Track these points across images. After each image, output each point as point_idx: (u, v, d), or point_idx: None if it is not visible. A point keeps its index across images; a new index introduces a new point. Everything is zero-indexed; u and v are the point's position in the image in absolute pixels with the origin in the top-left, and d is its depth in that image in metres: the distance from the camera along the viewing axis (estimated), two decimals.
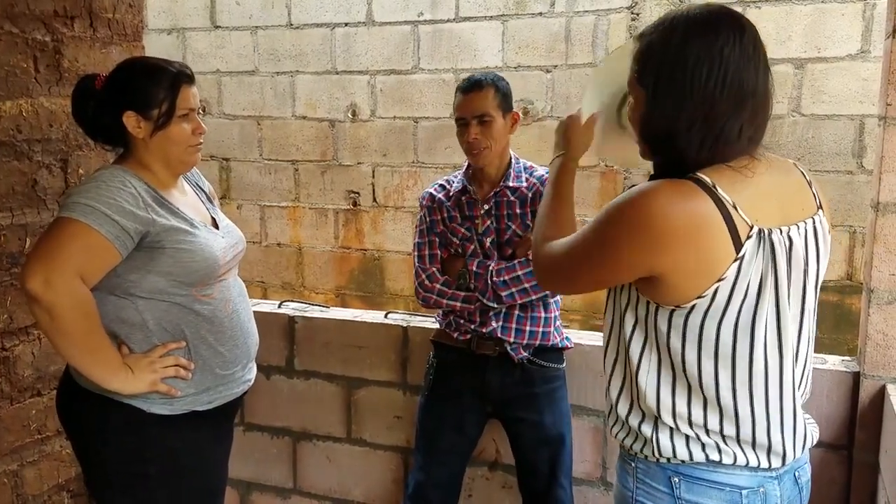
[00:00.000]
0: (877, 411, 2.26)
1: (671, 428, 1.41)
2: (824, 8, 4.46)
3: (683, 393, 1.39)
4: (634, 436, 1.46)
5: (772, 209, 1.36)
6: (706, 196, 1.30)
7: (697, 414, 1.39)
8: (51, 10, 2.58)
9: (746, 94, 1.32)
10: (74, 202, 1.76)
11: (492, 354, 2.41)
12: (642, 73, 1.38)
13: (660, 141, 1.38)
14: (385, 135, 5.53)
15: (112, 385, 1.82)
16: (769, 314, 1.36)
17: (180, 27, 5.89)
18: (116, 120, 1.87)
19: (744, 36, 1.32)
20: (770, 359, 1.37)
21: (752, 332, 1.35)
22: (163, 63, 1.91)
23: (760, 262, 1.33)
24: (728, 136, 1.32)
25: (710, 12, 1.34)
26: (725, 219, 1.29)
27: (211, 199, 2.16)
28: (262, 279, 6.01)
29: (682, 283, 1.32)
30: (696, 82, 1.30)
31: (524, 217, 2.40)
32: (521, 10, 5.08)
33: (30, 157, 2.57)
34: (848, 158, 4.54)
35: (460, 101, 2.39)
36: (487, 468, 2.82)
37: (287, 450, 3.10)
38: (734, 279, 1.31)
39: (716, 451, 1.39)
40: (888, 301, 2.22)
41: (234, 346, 2.00)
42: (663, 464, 1.43)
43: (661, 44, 1.35)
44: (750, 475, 1.41)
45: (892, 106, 2.16)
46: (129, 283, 1.83)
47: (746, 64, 1.31)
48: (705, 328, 1.35)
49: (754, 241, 1.31)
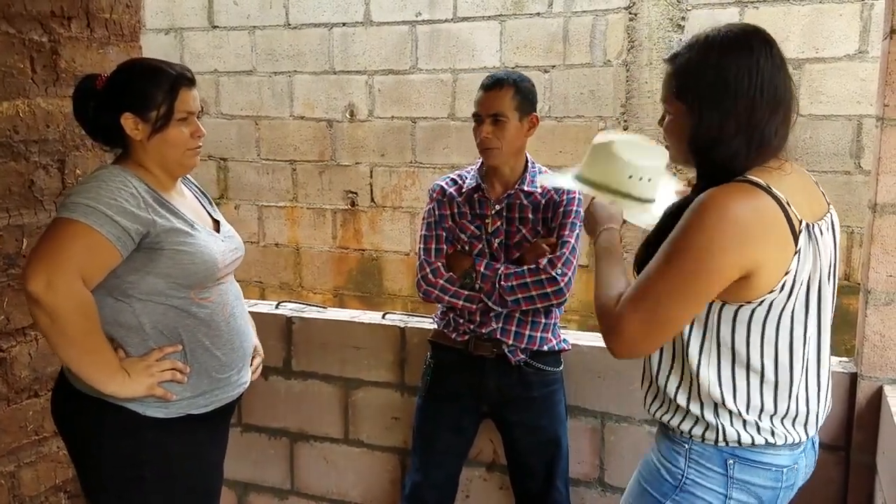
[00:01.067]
0: (874, 412, 2.26)
1: (731, 413, 1.52)
2: (822, 8, 4.46)
3: (743, 379, 1.51)
4: (694, 420, 1.55)
5: (804, 205, 1.48)
6: (766, 195, 1.42)
7: (755, 398, 1.52)
8: (48, 11, 2.58)
9: (780, 100, 1.46)
10: (74, 202, 1.75)
11: (489, 356, 2.40)
12: (682, 89, 1.50)
13: (707, 149, 1.49)
14: (383, 135, 5.53)
15: (108, 388, 1.82)
16: (812, 303, 1.51)
17: (178, 27, 5.88)
18: (115, 121, 1.86)
19: (773, 49, 1.47)
20: (820, 338, 1.56)
21: (805, 319, 1.51)
22: (163, 65, 1.90)
23: (810, 254, 1.46)
24: (768, 139, 1.46)
25: (741, 29, 1.49)
26: (785, 215, 1.42)
27: (212, 203, 2.15)
28: (259, 279, 6.01)
29: (765, 278, 1.42)
30: (739, 91, 1.44)
31: (536, 223, 2.38)
32: (519, 10, 5.08)
33: (27, 158, 2.56)
34: (846, 159, 4.54)
35: (479, 97, 2.37)
36: (485, 469, 2.82)
37: (284, 451, 3.09)
38: (795, 272, 1.44)
39: (770, 434, 1.53)
40: (885, 302, 2.22)
41: (231, 350, 1.99)
42: (722, 447, 1.55)
43: (700, 60, 1.48)
44: (789, 453, 1.56)
45: (890, 107, 2.16)
46: (128, 284, 1.83)
47: (777, 73, 1.46)
48: (769, 320, 1.48)
49: (805, 234, 1.45)
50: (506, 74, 2.39)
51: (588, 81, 4.97)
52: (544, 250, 2.34)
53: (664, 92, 1.56)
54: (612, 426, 2.65)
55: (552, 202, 2.37)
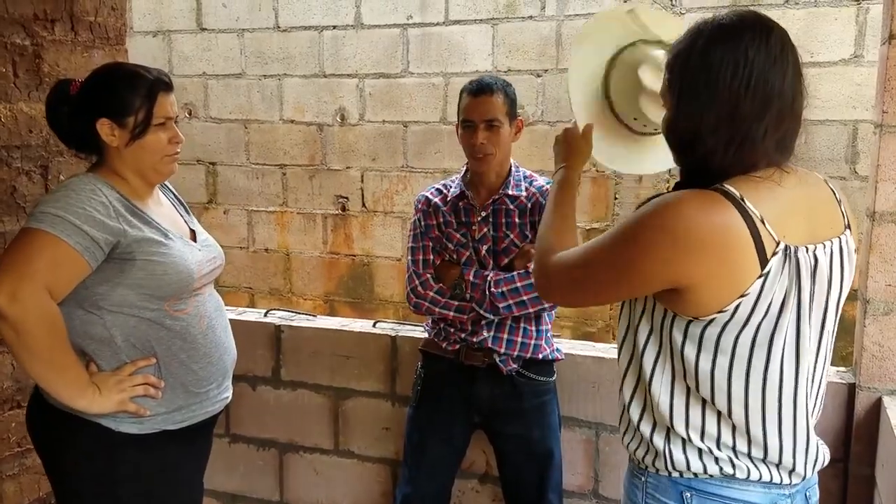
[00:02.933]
0: (872, 424, 2.23)
1: (683, 439, 1.38)
2: (817, 12, 4.44)
3: (697, 404, 1.37)
4: (646, 447, 1.43)
5: (799, 225, 1.33)
6: (733, 209, 1.27)
7: (711, 426, 1.37)
8: (30, 14, 2.53)
9: (772, 96, 1.30)
10: (42, 212, 1.70)
11: (480, 365, 2.37)
12: (671, 80, 1.38)
13: (685, 144, 1.37)
14: (374, 139, 5.48)
15: (78, 404, 1.76)
16: (788, 333, 1.33)
17: (166, 29, 5.82)
18: (90, 127, 1.81)
19: (770, 37, 1.32)
20: (785, 377, 1.35)
21: (769, 348, 1.33)
22: (140, 70, 1.85)
23: (785, 280, 1.30)
24: (753, 139, 1.30)
25: (737, 16, 1.35)
26: (752, 233, 1.27)
27: (188, 212, 2.09)
28: (249, 285, 5.95)
29: (705, 296, 1.30)
30: (721, 83, 1.29)
31: (523, 227, 2.35)
32: (512, 13, 5.04)
33: (9, 164, 2.51)
34: (841, 164, 4.52)
35: (469, 102, 2.33)
36: (477, 480, 2.78)
37: (273, 462, 3.05)
38: (757, 296, 1.29)
39: (729, 465, 1.37)
40: (884, 312, 2.19)
41: (209, 364, 1.93)
42: (675, 478, 1.41)
43: (687, 49, 1.35)
44: (763, 491, 1.38)
45: (889, 113, 2.13)
46: (98, 295, 1.77)
47: (772, 65, 1.30)
48: (722, 341, 1.33)
49: (780, 257, 1.29)
50: (492, 79, 2.36)
51: None
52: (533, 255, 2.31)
53: (661, 85, 1.45)
54: (606, 437, 2.61)
55: (538, 205, 2.35)
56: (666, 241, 1.28)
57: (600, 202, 4.92)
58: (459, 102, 2.37)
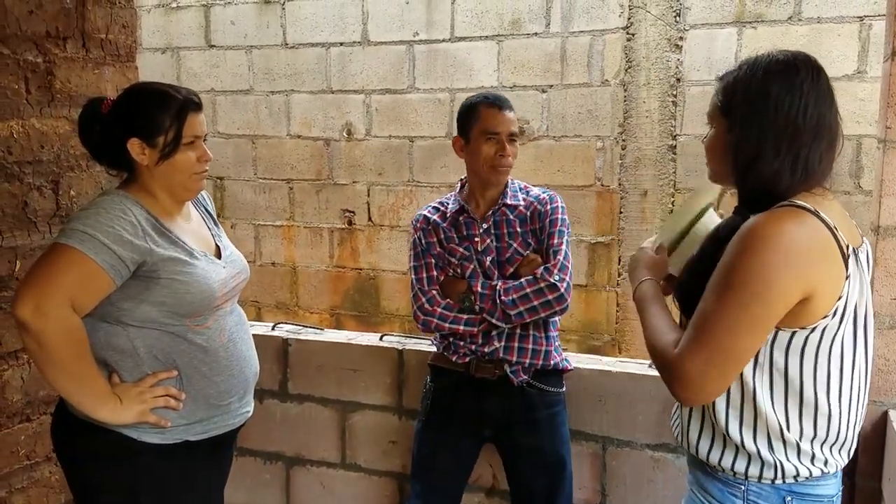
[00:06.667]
0: (879, 437, 2.23)
1: (789, 444, 1.48)
2: (821, 28, 4.46)
3: (795, 407, 1.48)
4: (747, 459, 1.51)
5: (847, 232, 1.46)
6: (816, 219, 1.40)
7: (808, 427, 1.48)
8: (42, 31, 2.56)
9: (824, 127, 1.45)
10: (72, 229, 1.74)
11: (491, 378, 2.37)
12: (726, 103, 1.50)
13: (748, 167, 1.47)
14: (380, 154, 5.51)
15: (100, 415, 1.79)
16: (860, 331, 1.50)
17: (175, 46, 5.87)
18: (121, 145, 1.84)
19: (820, 76, 1.47)
20: (862, 366, 1.52)
21: (854, 345, 1.49)
22: (170, 89, 1.87)
23: (857, 280, 1.45)
24: (812, 164, 1.44)
25: (790, 54, 1.49)
26: (835, 239, 1.40)
27: (217, 223, 2.12)
28: (256, 299, 5.97)
29: (821, 302, 1.40)
30: (780, 111, 1.43)
31: (525, 235, 2.39)
32: (517, 30, 5.08)
33: (20, 179, 2.53)
34: (845, 179, 4.52)
35: (496, 115, 2.37)
36: (484, 494, 2.78)
37: (280, 475, 3.05)
38: (846, 297, 1.43)
39: (824, 464, 1.51)
40: (889, 326, 2.20)
41: (230, 377, 1.95)
42: (778, 484, 1.51)
43: (746, 78, 1.48)
44: (835, 482, 1.55)
45: (892, 129, 2.14)
46: (122, 311, 1.81)
47: (823, 101, 1.45)
48: (821, 348, 1.45)
49: (853, 260, 1.44)
50: (501, 94, 2.45)
51: (586, 101, 4.97)
52: (539, 262, 2.35)
53: (710, 107, 1.57)
54: (613, 451, 2.62)
55: (537, 213, 2.39)
56: (786, 256, 1.36)
57: (605, 216, 4.94)
58: (472, 114, 2.39)
